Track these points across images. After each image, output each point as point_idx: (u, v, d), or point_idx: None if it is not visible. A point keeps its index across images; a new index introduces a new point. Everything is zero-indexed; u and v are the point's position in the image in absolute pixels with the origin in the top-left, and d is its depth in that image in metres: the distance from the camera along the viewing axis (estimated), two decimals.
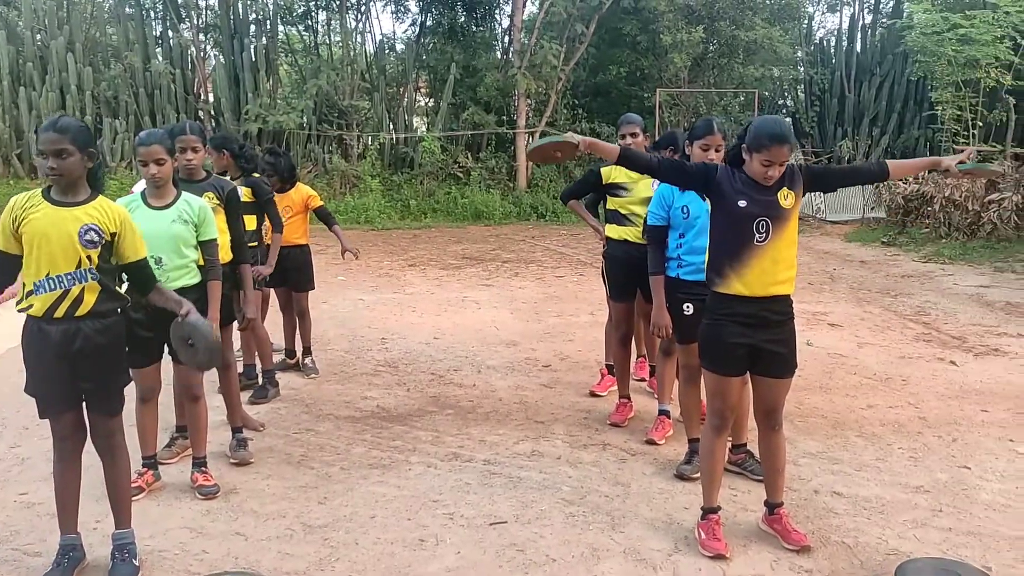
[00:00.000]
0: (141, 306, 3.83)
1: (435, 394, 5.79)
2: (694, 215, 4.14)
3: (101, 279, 3.14)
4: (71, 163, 3.08)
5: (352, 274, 10.81)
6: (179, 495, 4.08)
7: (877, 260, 12.44)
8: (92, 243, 3.10)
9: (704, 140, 4.20)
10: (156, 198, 3.94)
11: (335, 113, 18.59)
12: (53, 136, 3.05)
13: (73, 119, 3.19)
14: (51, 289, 3.08)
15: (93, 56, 18.62)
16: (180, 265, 3.97)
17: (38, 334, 3.13)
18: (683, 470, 4.29)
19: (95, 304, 3.14)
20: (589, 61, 19.76)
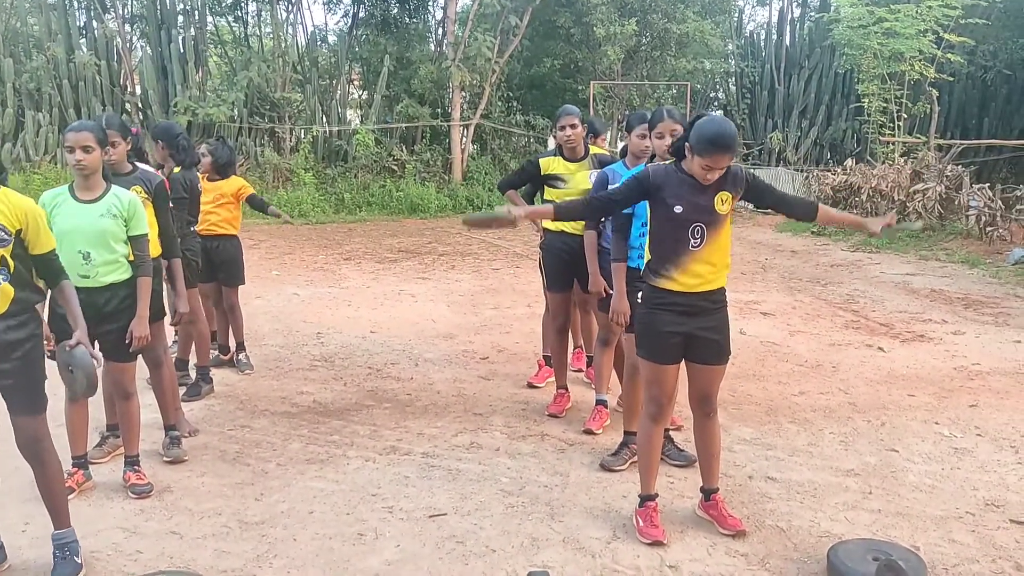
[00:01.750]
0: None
1: (372, 388, 5.74)
2: None
3: (13, 279, 3.03)
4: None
5: (287, 268, 10.64)
6: (111, 495, 3.97)
7: (807, 250, 12.77)
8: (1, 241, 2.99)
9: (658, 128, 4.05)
10: (84, 191, 3.80)
11: (267, 106, 18.24)
12: None
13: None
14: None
15: (14, 47, 17.92)
16: (109, 260, 3.84)
17: None
18: (608, 462, 4.32)
19: (9, 305, 3.04)
20: (523, 53, 19.79)
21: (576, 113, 5.11)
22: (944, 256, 11.51)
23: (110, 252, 3.84)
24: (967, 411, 5.26)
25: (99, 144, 3.75)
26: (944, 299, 8.82)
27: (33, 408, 3.16)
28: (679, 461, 4.31)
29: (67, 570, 3.17)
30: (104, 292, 3.83)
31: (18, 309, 3.07)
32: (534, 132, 18.93)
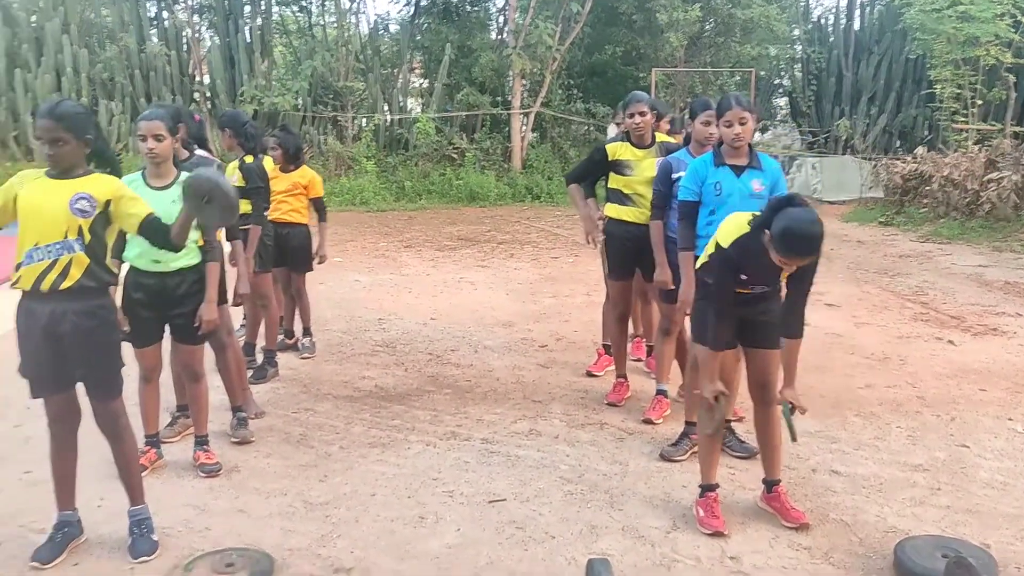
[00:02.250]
0: (142, 288, 3.84)
1: (433, 374, 5.80)
2: (727, 192, 3.94)
3: (88, 250, 3.11)
4: (66, 151, 3.08)
5: (348, 255, 10.79)
6: (182, 473, 4.10)
7: (874, 240, 12.45)
8: (83, 211, 3.08)
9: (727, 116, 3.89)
10: (156, 178, 3.91)
11: (330, 95, 18.47)
12: (48, 124, 3.04)
13: (72, 104, 3.16)
14: (39, 259, 3.07)
15: (88, 38, 18.48)
16: None
17: (26, 315, 3.14)
18: (668, 452, 4.29)
19: (81, 277, 3.11)
20: (584, 41, 19.63)
21: (645, 100, 5.02)
22: (1019, 247, 11.11)
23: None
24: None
25: (170, 133, 3.85)
26: (1018, 292, 8.52)
27: (110, 394, 3.27)
28: (740, 452, 4.26)
29: (145, 547, 3.29)
30: (174, 276, 3.93)
31: (91, 288, 3.15)
32: (594, 120, 18.81)
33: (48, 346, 3.13)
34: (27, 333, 3.15)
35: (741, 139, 3.86)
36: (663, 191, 4.49)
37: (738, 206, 3.81)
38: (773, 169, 4.02)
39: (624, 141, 5.05)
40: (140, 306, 3.82)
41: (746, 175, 3.93)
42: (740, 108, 3.85)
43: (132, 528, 3.35)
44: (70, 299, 3.11)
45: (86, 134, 3.12)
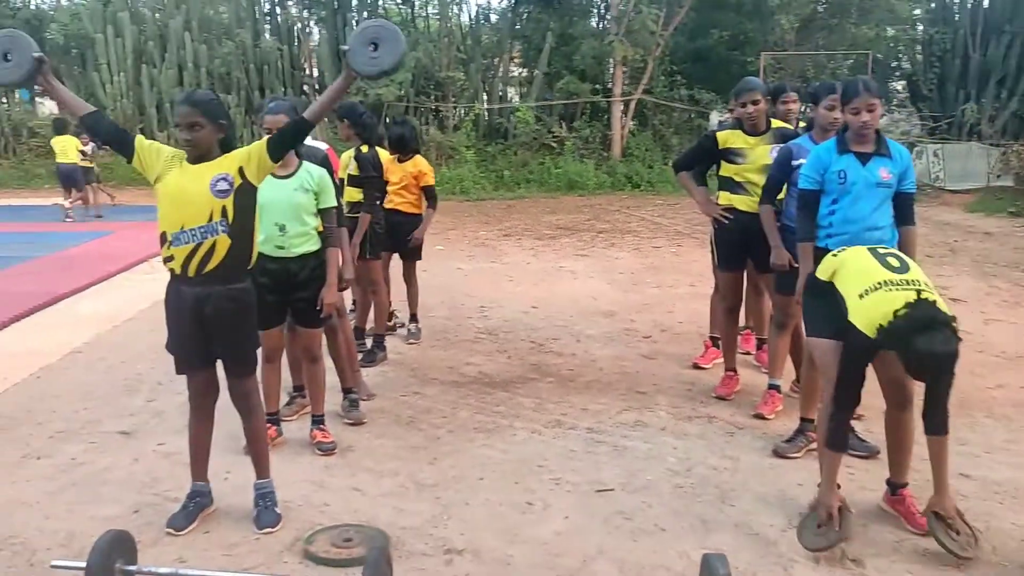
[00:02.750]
0: (267, 272, 3.98)
1: (535, 362, 5.82)
2: (851, 181, 3.73)
3: (231, 231, 3.25)
4: (202, 135, 3.24)
5: (450, 243, 10.93)
6: (300, 450, 4.25)
7: (1003, 232, 11.78)
8: (223, 192, 3.22)
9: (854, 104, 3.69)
10: (279, 167, 4.03)
11: (432, 85, 18.72)
12: (186, 110, 3.21)
13: (205, 93, 3.34)
14: (185, 242, 3.23)
15: (208, 34, 19.28)
16: (302, 232, 4.09)
17: (176, 296, 3.32)
18: (782, 448, 4.17)
19: (225, 259, 3.25)
20: (688, 25, 19.24)
21: (759, 88, 4.86)
22: None
23: (302, 224, 4.08)
24: None
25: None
26: None
27: (244, 372, 3.44)
28: (861, 452, 4.08)
29: (269, 519, 3.44)
30: (297, 262, 4.09)
31: (233, 271, 3.30)
32: (697, 107, 18.44)
33: (194, 326, 3.30)
34: (176, 313, 3.34)
35: (868, 127, 3.67)
36: (779, 177, 4.36)
37: (863, 195, 3.69)
38: (902, 157, 3.82)
39: (736, 128, 4.92)
40: (264, 289, 3.96)
41: (873, 163, 3.73)
42: (868, 94, 3.63)
43: (257, 500, 3.51)
44: (214, 282, 3.27)
45: (220, 119, 3.27)
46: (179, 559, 3.18)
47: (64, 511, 3.59)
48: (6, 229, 12.16)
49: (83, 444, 4.34)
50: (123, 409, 4.87)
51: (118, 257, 9.31)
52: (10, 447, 4.30)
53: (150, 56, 18.82)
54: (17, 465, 4.08)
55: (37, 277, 8.36)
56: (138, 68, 18.72)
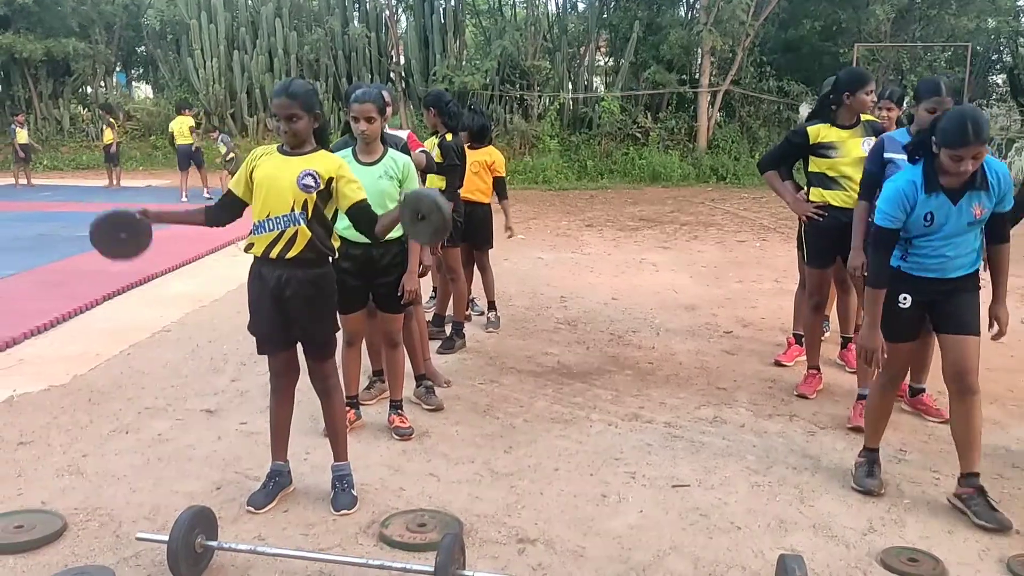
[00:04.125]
0: (350, 257, 4.07)
1: (614, 354, 5.80)
2: (939, 223, 3.37)
3: (311, 224, 3.33)
4: (300, 125, 3.32)
5: (531, 233, 10.96)
6: (378, 434, 4.33)
7: None
8: (308, 187, 3.30)
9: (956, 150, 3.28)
10: (365, 154, 4.13)
11: (517, 74, 18.76)
12: (284, 101, 3.28)
13: (302, 83, 3.39)
14: (269, 230, 3.33)
15: (298, 21, 19.77)
16: None
17: (258, 278, 3.42)
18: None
19: (305, 248, 3.34)
20: (780, 15, 18.79)
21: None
22: None
23: (386, 211, 4.12)
24: None
25: (380, 113, 4.04)
26: None
27: (323, 355, 3.53)
28: (989, 523, 3.38)
29: (346, 501, 3.51)
30: (380, 248, 4.14)
31: (313, 258, 3.39)
32: (787, 99, 18.00)
33: (274, 308, 3.40)
34: (257, 295, 3.44)
35: (967, 174, 3.28)
36: (875, 171, 4.23)
37: (952, 235, 3.39)
38: (1000, 182, 3.37)
39: (827, 122, 4.78)
40: (347, 275, 4.05)
41: (965, 200, 3.34)
42: (978, 143, 3.15)
43: (335, 482, 3.59)
44: (295, 267, 3.36)
45: (316, 109, 3.35)
46: (258, 536, 3.28)
47: (150, 485, 3.73)
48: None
49: (170, 421, 4.51)
50: (208, 388, 5.05)
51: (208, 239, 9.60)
52: (101, 421, 4.50)
53: (242, 42, 19.40)
54: (107, 439, 4.27)
55: None
56: (230, 54, 19.33)
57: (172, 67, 20.89)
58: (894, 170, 4.09)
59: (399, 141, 4.69)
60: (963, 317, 3.43)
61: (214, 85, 19.23)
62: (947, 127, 3.18)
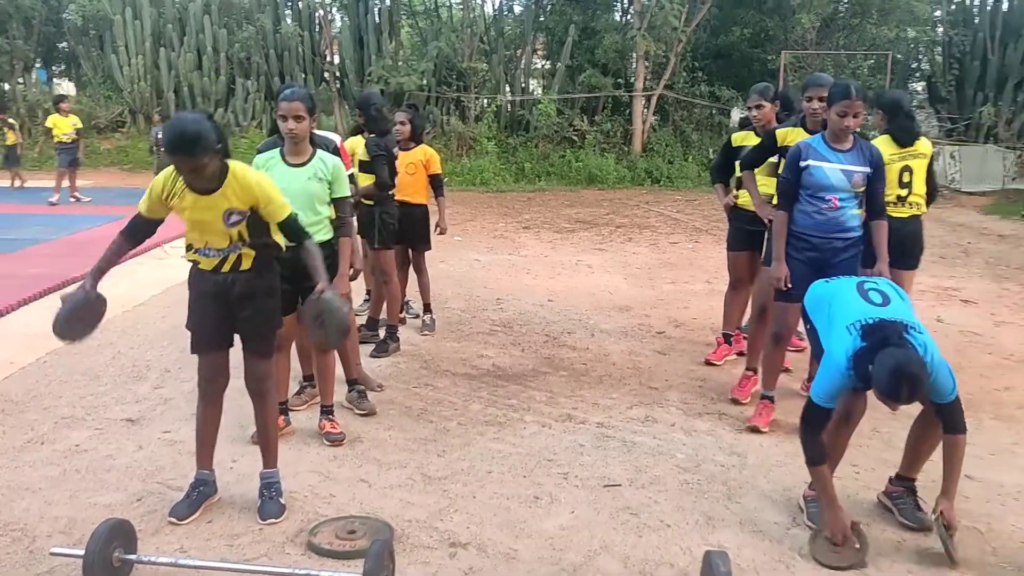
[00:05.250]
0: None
1: (549, 355, 5.83)
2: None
3: (252, 244, 3.33)
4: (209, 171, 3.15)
5: (468, 235, 10.95)
6: (308, 440, 4.27)
7: (1017, 234, 11.68)
8: (236, 222, 3.28)
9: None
10: (293, 155, 4.07)
11: (454, 75, 18.72)
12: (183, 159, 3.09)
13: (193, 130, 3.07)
14: (212, 256, 3.34)
15: (227, 18, 19.36)
16: (314, 221, 4.06)
17: (201, 276, 3.40)
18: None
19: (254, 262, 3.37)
20: (711, 22, 19.14)
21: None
22: None
23: (315, 214, 4.09)
24: None
25: (309, 113, 4.00)
26: None
27: (264, 352, 3.48)
28: (911, 522, 3.46)
29: (273, 510, 3.45)
30: None
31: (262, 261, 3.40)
32: (718, 103, 18.35)
33: (217, 304, 3.37)
34: (200, 291, 3.41)
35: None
36: (790, 179, 4.25)
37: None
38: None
39: (798, 126, 4.78)
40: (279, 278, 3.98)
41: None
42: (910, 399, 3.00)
43: (263, 490, 3.52)
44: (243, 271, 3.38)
45: (216, 146, 3.13)
46: (180, 549, 3.20)
47: (66, 498, 3.61)
48: (20, 211, 12.26)
49: (88, 430, 4.37)
50: (129, 396, 4.90)
51: None
52: (15, 432, 4.33)
53: (168, 39, 18.92)
54: (21, 450, 4.11)
55: (49, 260, 8.44)
56: (156, 51, 18.83)
57: (95, 64, 20.25)
58: (809, 178, 4.18)
59: (329, 143, 4.63)
60: None
61: (139, 83, 18.71)
62: (883, 380, 2.92)
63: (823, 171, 4.14)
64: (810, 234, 4.24)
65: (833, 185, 4.14)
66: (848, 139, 4.16)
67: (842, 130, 4.10)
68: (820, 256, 4.21)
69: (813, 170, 4.15)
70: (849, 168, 4.13)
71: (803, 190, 4.22)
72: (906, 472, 3.57)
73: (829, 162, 4.14)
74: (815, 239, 4.23)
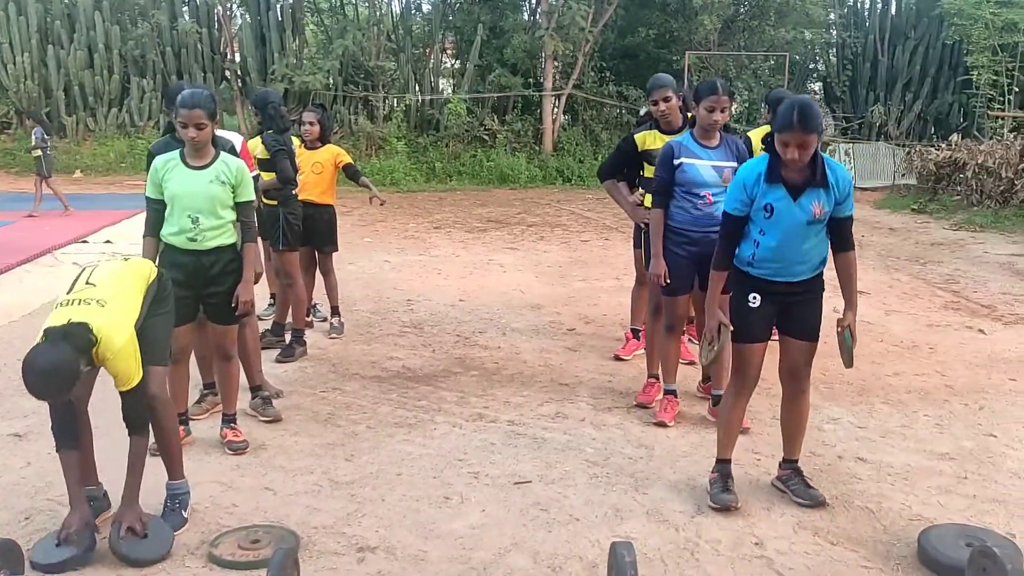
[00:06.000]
0: (176, 265, 3.88)
1: (460, 355, 5.83)
2: (778, 216, 3.40)
3: None
4: None
5: (378, 236, 10.84)
6: (209, 450, 4.15)
7: (907, 227, 12.28)
8: None
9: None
10: (194, 157, 3.93)
11: (361, 74, 18.50)
12: None
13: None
14: None
15: (120, 14, 18.66)
16: (216, 225, 3.94)
17: None
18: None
19: None
20: (618, 23, 19.45)
21: (668, 84, 4.81)
22: None
23: (217, 218, 3.95)
24: None
25: (211, 118, 3.84)
26: None
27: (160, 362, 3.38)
28: (807, 500, 3.62)
29: (175, 521, 3.34)
30: (210, 255, 3.96)
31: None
32: (627, 103, 18.66)
33: None
34: None
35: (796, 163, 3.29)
36: (665, 178, 4.34)
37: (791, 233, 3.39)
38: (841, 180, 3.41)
39: (652, 129, 4.90)
40: (175, 285, 3.81)
41: (805, 197, 3.37)
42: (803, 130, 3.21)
43: (167, 501, 3.41)
44: None
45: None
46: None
47: None
48: None
49: None
50: (16, 410, 4.65)
51: (18, 249, 8.89)
52: None
53: (57, 36, 18.11)
54: None
55: None
56: (44, 48, 18.01)
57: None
58: (683, 176, 4.31)
59: (227, 143, 4.49)
60: (806, 323, 3.55)
61: (26, 82, 17.86)
62: (779, 112, 3.28)
63: (696, 168, 4.31)
64: (688, 229, 4.37)
65: (706, 182, 4.32)
66: (716, 136, 4.35)
67: (711, 124, 4.28)
68: (699, 250, 4.32)
69: (686, 167, 4.30)
70: (719, 164, 4.32)
71: (678, 187, 4.35)
72: (789, 455, 3.75)
73: (700, 159, 4.31)
74: (693, 234, 4.37)
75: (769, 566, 3.16)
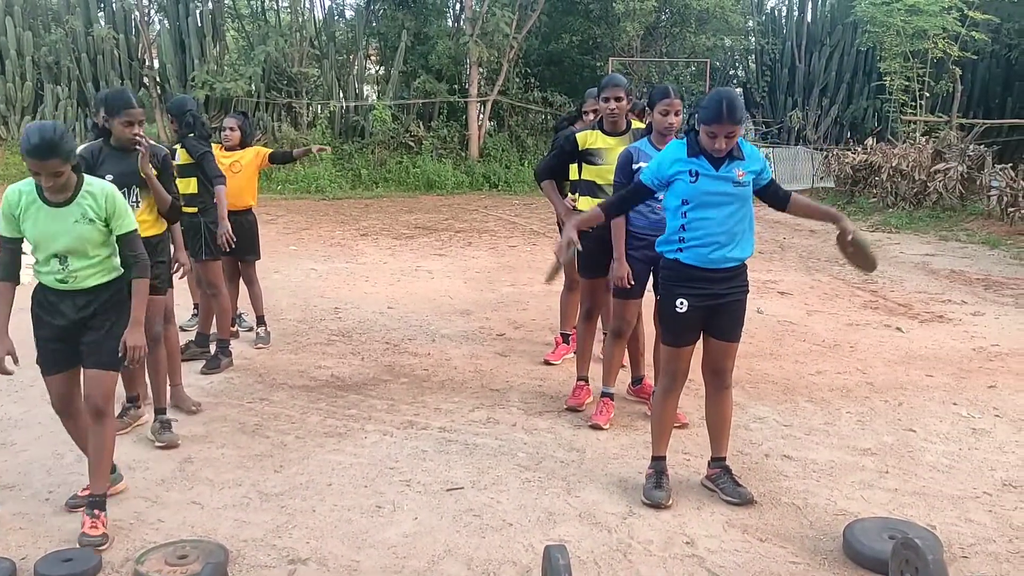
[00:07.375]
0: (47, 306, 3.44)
1: (389, 363, 5.77)
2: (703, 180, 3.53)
3: None
4: None
5: (304, 244, 10.67)
6: (133, 465, 4.01)
7: (826, 229, 12.62)
8: None
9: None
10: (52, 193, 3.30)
11: (284, 81, 18.22)
12: None
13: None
14: None
15: (32, 20, 17.99)
16: (88, 265, 3.38)
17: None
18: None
19: None
20: (542, 29, 19.63)
21: (622, 84, 4.75)
22: (964, 236, 11.41)
23: (88, 257, 3.38)
24: (985, 392, 5.23)
25: (67, 160, 3.21)
26: (964, 280, 8.75)
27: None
28: (734, 499, 3.70)
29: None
30: (85, 295, 3.41)
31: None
32: (551, 109, 18.82)
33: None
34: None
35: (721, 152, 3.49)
36: (623, 182, 4.34)
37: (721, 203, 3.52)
38: (754, 152, 3.65)
39: (595, 128, 4.86)
40: (46, 327, 3.41)
41: (725, 166, 3.53)
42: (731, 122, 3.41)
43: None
44: None
45: None
46: None
47: None
48: None
49: None
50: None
51: None
52: None
53: None
54: None
55: None
56: None
57: None
58: None
59: (159, 152, 4.31)
60: (731, 326, 3.67)
61: None
62: (706, 105, 3.44)
63: None
64: (647, 233, 4.38)
65: None
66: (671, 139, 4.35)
67: (667, 128, 4.31)
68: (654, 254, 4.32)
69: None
70: None
71: None
72: (716, 452, 3.83)
73: None
74: (650, 237, 4.36)
75: (700, 565, 3.20)
